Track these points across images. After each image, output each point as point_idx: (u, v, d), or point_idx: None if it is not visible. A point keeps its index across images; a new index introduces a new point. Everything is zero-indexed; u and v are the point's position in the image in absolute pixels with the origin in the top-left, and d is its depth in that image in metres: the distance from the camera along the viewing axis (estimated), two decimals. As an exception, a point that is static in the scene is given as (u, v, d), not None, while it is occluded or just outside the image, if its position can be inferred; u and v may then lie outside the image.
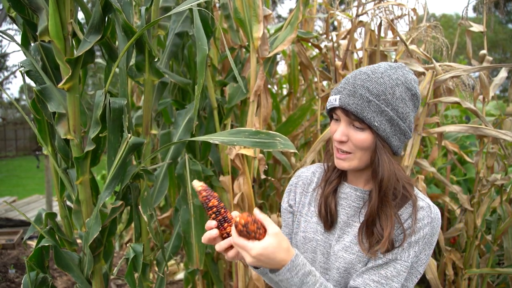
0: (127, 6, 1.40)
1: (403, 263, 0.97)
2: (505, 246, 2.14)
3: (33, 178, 11.18)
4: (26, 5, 1.29)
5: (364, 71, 0.97)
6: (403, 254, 0.97)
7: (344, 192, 1.07)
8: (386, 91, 0.94)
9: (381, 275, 0.96)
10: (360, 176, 1.06)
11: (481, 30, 2.16)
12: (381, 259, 0.97)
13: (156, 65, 1.55)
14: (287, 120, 2.54)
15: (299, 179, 1.17)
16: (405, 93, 0.96)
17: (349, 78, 0.98)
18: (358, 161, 0.99)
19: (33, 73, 1.34)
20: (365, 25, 2.14)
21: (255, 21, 1.81)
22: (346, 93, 0.95)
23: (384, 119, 0.93)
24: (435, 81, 1.85)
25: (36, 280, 1.37)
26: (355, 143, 0.96)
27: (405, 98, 0.96)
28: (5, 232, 4.79)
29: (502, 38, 19.68)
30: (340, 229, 1.05)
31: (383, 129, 0.94)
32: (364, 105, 0.93)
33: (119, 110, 1.33)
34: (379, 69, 0.97)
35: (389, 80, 0.95)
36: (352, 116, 0.94)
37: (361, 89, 0.94)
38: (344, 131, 0.97)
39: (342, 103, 0.94)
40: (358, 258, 1.00)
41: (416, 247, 0.97)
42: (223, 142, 1.30)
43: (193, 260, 2.03)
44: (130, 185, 1.52)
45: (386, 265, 0.97)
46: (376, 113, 0.93)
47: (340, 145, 0.99)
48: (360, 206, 1.04)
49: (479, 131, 1.80)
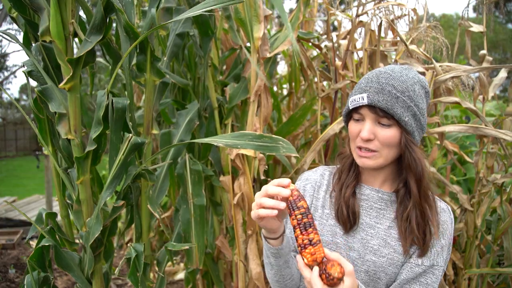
0: (129, 7, 1.41)
1: (440, 268, 1.00)
2: (505, 246, 2.14)
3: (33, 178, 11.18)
4: (27, 5, 1.30)
5: (383, 71, 1.00)
6: (439, 259, 1.00)
7: (364, 194, 1.07)
8: (409, 88, 0.96)
9: (421, 283, 0.99)
10: (378, 175, 1.06)
11: (481, 31, 2.16)
12: (419, 266, 0.99)
13: (157, 65, 1.56)
14: (288, 119, 2.54)
15: (307, 182, 1.16)
16: (421, 90, 1.00)
17: (371, 78, 0.99)
18: (384, 158, 0.99)
19: (35, 73, 1.34)
20: (365, 25, 2.15)
21: (256, 21, 1.81)
22: (373, 91, 0.96)
23: (410, 114, 0.96)
24: (435, 81, 1.86)
25: (38, 279, 1.37)
26: (383, 140, 0.97)
27: (422, 95, 1.00)
28: (5, 232, 4.79)
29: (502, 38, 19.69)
30: (363, 231, 1.05)
31: (410, 124, 0.96)
32: (393, 101, 0.94)
33: (122, 110, 1.33)
34: (395, 69, 1.00)
35: (408, 79, 0.98)
36: (381, 112, 0.95)
37: (387, 86, 0.96)
38: (371, 129, 0.97)
39: (371, 100, 0.95)
40: (388, 261, 1.01)
41: (446, 250, 1.01)
42: (227, 144, 1.31)
43: (193, 259, 2.03)
44: (131, 184, 1.53)
45: (425, 273, 0.99)
46: (404, 109, 0.95)
47: (366, 143, 0.99)
48: (382, 208, 1.05)
49: (479, 131, 1.80)
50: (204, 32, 2.04)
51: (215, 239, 2.26)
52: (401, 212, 1.01)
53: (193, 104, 2.10)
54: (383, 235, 1.02)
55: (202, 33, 2.04)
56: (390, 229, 1.02)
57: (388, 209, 1.04)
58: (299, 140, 2.95)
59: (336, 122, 1.92)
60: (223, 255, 2.35)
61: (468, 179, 2.89)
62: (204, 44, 2.06)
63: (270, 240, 1.00)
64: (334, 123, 1.93)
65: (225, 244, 2.24)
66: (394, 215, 1.03)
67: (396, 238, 1.01)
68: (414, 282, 0.98)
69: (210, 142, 1.33)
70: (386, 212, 1.04)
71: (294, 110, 2.93)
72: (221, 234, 2.30)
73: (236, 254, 2.04)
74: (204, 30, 2.04)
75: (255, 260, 1.93)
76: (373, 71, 1.02)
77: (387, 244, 1.01)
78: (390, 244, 1.01)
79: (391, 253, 1.00)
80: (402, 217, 1.00)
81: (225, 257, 2.31)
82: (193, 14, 1.18)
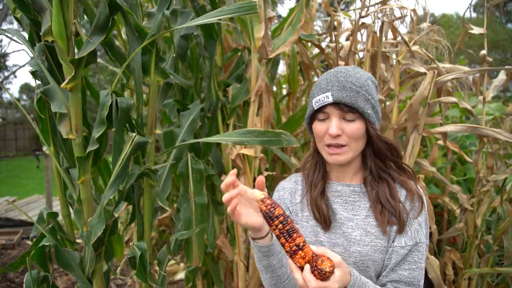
0: (135, 8, 1.41)
1: (422, 244, 1.05)
2: (506, 246, 2.15)
3: (33, 178, 11.17)
4: (30, 5, 1.30)
5: (338, 70, 1.07)
6: (420, 236, 1.05)
7: (336, 190, 1.12)
8: (364, 83, 1.04)
9: (409, 262, 1.04)
10: (347, 170, 1.12)
11: (481, 32, 2.17)
12: (403, 248, 1.04)
13: (162, 66, 1.56)
14: (288, 120, 2.55)
15: (284, 191, 1.21)
16: (372, 85, 1.08)
17: (330, 78, 1.06)
18: (353, 151, 1.06)
19: (39, 73, 1.34)
20: (368, 27, 2.16)
21: (257, 22, 1.82)
22: (336, 89, 1.02)
23: (370, 106, 1.04)
24: (437, 82, 1.87)
25: (38, 278, 1.37)
26: (351, 134, 1.03)
27: (374, 89, 1.08)
28: (5, 232, 4.79)
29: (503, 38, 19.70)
30: (343, 225, 1.09)
31: (371, 115, 1.04)
32: (356, 96, 1.02)
33: (126, 110, 1.34)
34: (347, 68, 1.08)
35: (362, 75, 1.06)
36: (346, 108, 1.02)
37: (348, 84, 1.03)
38: (338, 125, 1.03)
39: (336, 97, 1.01)
40: (373, 248, 1.05)
41: (424, 225, 1.07)
42: (235, 142, 1.35)
43: (192, 257, 2.04)
44: (133, 184, 1.53)
45: (411, 252, 1.04)
46: (365, 102, 1.03)
47: (336, 139, 1.04)
48: (356, 200, 1.10)
49: (477, 131, 1.82)
50: (209, 35, 2.05)
51: (215, 238, 2.26)
52: (373, 196, 1.08)
53: (195, 104, 2.10)
54: (362, 225, 1.07)
55: (207, 36, 2.06)
56: (368, 218, 1.07)
57: (362, 200, 1.10)
58: (298, 140, 2.95)
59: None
60: (223, 255, 2.35)
61: (468, 179, 2.90)
62: (210, 47, 2.07)
63: (258, 240, 1.00)
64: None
65: (225, 244, 2.24)
66: (369, 204, 1.09)
67: (375, 225, 1.06)
68: (402, 263, 1.04)
69: (217, 141, 1.35)
70: (361, 203, 1.09)
71: (294, 110, 2.94)
72: (221, 234, 2.30)
73: (236, 254, 2.04)
74: (209, 33, 2.05)
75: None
76: (328, 72, 1.09)
77: (368, 233, 1.06)
78: (371, 232, 1.06)
79: (373, 240, 1.05)
80: (374, 200, 1.07)
81: (226, 256, 2.31)
82: (207, 21, 1.21)
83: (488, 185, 2.08)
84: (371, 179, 1.09)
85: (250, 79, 1.93)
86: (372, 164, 1.09)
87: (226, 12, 1.21)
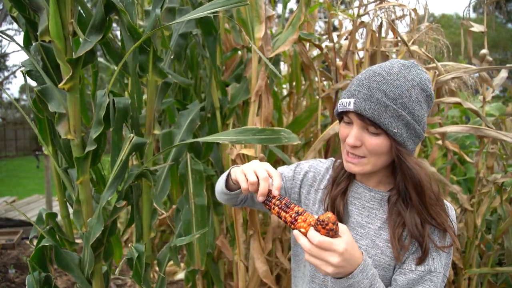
0: (130, 6, 1.40)
1: (438, 274, 0.92)
2: (506, 246, 2.14)
3: (33, 178, 11.17)
4: (27, 5, 1.29)
5: (378, 72, 0.92)
6: (436, 265, 0.92)
7: (357, 192, 1.03)
8: (402, 94, 0.89)
9: None
10: (371, 177, 1.02)
11: (482, 31, 2.16)
12: (412, 272, 0.91)
13: (159, 65, 1.55)
14: (293, 121, 2.55)
15: (311, 169, 1.13)
16: (421, 94, 0.92)
17: (362, 80, 0.92)
18: (372, 166, 0.95)
19: (34, 73, 1.34)
20: (367, 26, 2.15)
21: (257, 22, 1.81)
22: (361, 96, 0.89)
23: (401, 123, 0.89)
24: (437, 82, 1.86)
25: (40, 279, 1.37)
26: (370, 149, 0.92)
27: (421, 100, 0.92)
28: (5, 232, 4.79)
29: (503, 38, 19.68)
30: (353, 230, 1.01)
31: (399, 134, 0.89)
32: (381, 110, 0.88)
33: (124, 110, 1.33)
34: (393, 69, 0.92)
35: (405, 82, 0.90)
36: (368, 121, 0.89)
37: (377, 93, 0.88)
38: (358, 136, 0.92)
39: (358, 107, 0.89)
40: (375, 263, 0.95)
41: (445, 254, 0.93)
42: (232, 141, 1.32)
43: (194, 260, 2.03)
44: (132, 184, 1.52)
45: (422, 280, 0.91)
46: (394, 118, 0.88)
47: (353, 149, 0.94)
48: (374, 208, 1.00)
49: (480, 132, 1.80)
50: (207, 32, 2.04)
51: (215, 239, 2.26)
52: (394, 217, 0.95)
53: (195, 104, 2.10)
54: (372, 236, 0.98)
55: (206, 32, 2.04)
56: (381, 230, 0.97)
57: (381, 209, 0.99)
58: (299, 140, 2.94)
59: (336, 122, 1.92)
60: (223, 255, 2.35)
61: (468, 179, 2.89)
62: (210, 44, 2.05)
63: (231, 185, 1.06)
64: (334, 123, 1.93)
65: (225, 244, 2.24)
66: (386, 215, 0.97)
67: (385, 240, 0.96)
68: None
69: (215, 140, 1.33)
70: (378, 212, 0.99)
71: (295, 110, 2.93)
72: (221, 234, 2.30)
73: (236, 254, 2.03)
74: (208, 29, 2.03)
75: (260, 258, 1.94)
76: (368, 69, 0.95)
77: (375, 245, 0.96)
78: (378, 246, 0.96)
79: (378, 255, 0.95)
80: (396, 223, 0.94)
81: (226, 257, 2.31)
82: (198, 15, 1.18)
83: (488, 185, 2.08)
84: (399, 196, 0.95)
85: (250, 79, 1.93)
86: (401, 183, 0.94)
87: (217, 5, 1.19)
